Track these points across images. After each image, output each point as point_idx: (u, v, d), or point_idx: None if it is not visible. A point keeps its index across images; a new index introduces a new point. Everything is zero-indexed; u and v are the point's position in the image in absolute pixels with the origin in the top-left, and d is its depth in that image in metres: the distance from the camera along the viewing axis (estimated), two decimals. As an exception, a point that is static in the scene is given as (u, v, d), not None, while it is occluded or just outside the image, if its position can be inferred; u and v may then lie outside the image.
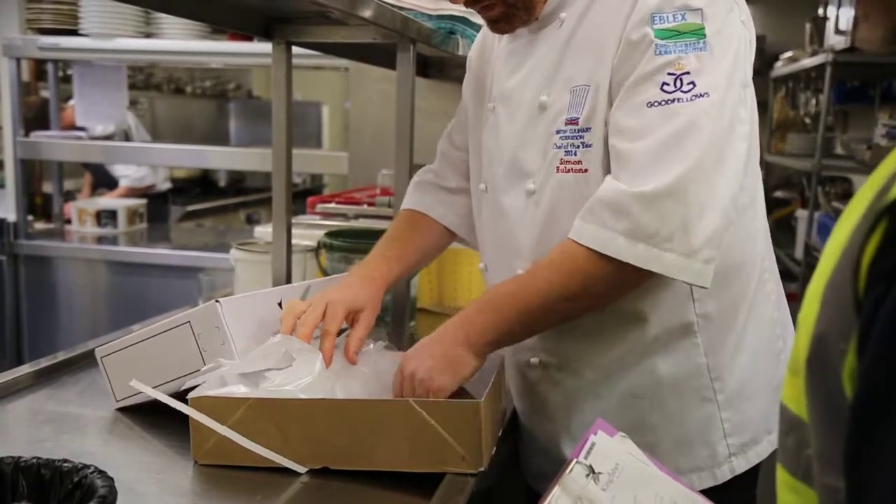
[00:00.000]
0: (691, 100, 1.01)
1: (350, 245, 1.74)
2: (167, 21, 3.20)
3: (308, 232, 1.91)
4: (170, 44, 3.25)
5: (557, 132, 1.14)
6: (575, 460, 0.91)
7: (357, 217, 2.17)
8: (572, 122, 1.12)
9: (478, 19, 1.72)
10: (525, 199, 1.18)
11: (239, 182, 6.22)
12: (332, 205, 2.24)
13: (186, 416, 1.06)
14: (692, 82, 1.02)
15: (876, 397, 0.52)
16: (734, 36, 1.06)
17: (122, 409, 1.24)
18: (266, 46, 1.63)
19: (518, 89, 1.20)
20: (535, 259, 1.16)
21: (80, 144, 3.72)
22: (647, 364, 1.15)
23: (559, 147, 1.14)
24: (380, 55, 2.12)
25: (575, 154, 1.12)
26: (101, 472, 0.84)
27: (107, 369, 1.24)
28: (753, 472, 1.21)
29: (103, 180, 4.86)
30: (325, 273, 1.74)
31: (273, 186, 1.62)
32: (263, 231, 1.99)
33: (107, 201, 4.04)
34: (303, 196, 2.94)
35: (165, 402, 1.11)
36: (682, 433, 1.17)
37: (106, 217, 3.57)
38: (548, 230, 1.16)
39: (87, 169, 4.88)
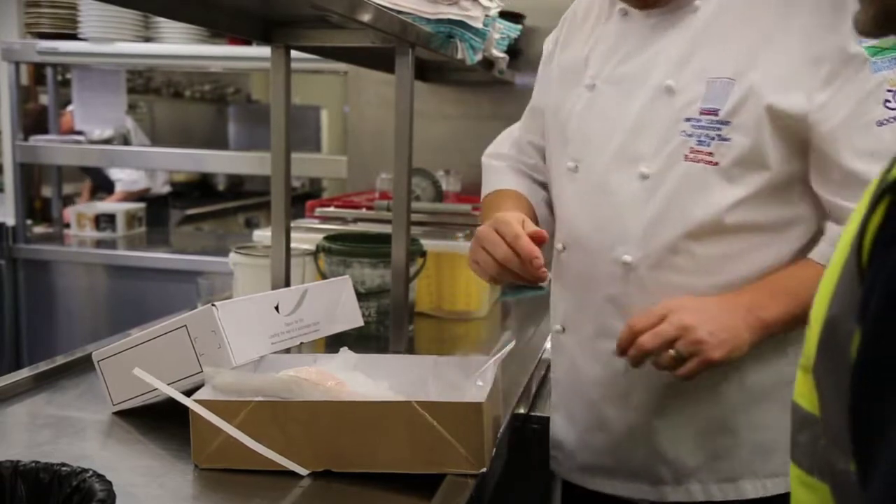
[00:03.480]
0: None
1: (349, 249, 1.74)
2: (166, 25, 3.20)
3: (307, 236, 1.92)
4: (169, 48, 3.25)
5: (688, 119, 1.13)
6: None
7: (356, 221, 2.17)
8: (710, 112, 1.12)
9: (477, 24, 1.73)
10: (638, 182, 1.16)
11: (238, 186, 6.22)
12: (331, 208, 2.25)
13: (185, 420, 1.06)
14: None
15: (877, 361, 0.52)
16: None
17: (121, 413, 1.23)
18: (265, 50, 1.64)
19: (639, 72, 1.19)
20: (645, 246, 1.16)
21: (78, 148, 3.73)
22: (737, 369, 1.16)
23: (689, 135, 1.13)
24: (378, 59, 2.13)
25: (708, 145, 1.12)
26: (100, 476, 0.84)
27: (103, 373, 1.24)
28: None
29: (102, 184, 4.87)
30: (323, 276, 1.74)
31: (272, 190, 1.62)
32: (262, 235, 1.99)
33: (106, 205, 4.05)
34: (302, 200, 2.95)
35: (174, 396, 1.10)
36: (764, 439, 1.17)
37: (105, 221, 3.57)
38: (664, 218, 1.15)
39: (87, 173, 4.89)
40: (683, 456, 1.21)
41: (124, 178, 4.67)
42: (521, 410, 1.42)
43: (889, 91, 1.04)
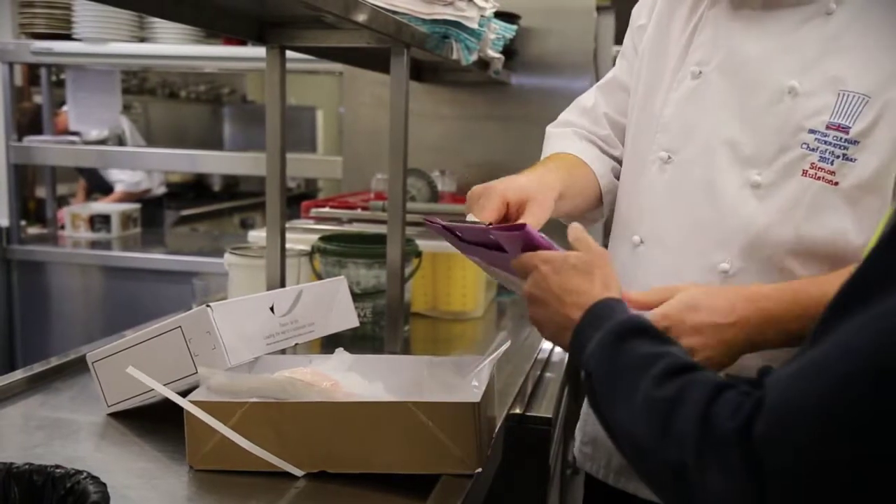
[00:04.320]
0: None
1: (344, 249, 1.74)
2: (161, 25, 3.20)
3: (302, 236, 1.91)
4: (164, 48, 3.25)
5: (812, 132, 1.06)
6: None
7: (351, 221, 2.17)
8: (838, 128, 1.05)
9: (472, 24, 1.73)
10: (748, 188, 1.10)
11: (233, 186, 6.22)
12: (327, 209, 2.24)
13: (180, 422, 1.06)
14: None
15: (866, 275, 0.58)
16: None
17: (115, 415, 1.23)
18: (260, 51, 1.64)
19: (755, 64, 1.11)
20: (746, 257, 1.09)
21: (73, 149, 3.73)
22: None
23: (813, 149, 1.06)
24: (374, 59, 2.12)
25: (832, 163, 1.05)
26: (94, 478, 0.83)
27: (98, 374, 1.24)
28: None
29: (98, 185, 4.85)
30: (319, 277, 1.73)
31: (267, 191, 1.62)
32: (257, 235, 1.99)
33: (100, 206, 4.04)
34: (297, 200, 2.95)
35: (169, 396, 1.10)
36: None
37: (99, 222, 3.57)
38: (772, 232, 1.08)
39: (82, 174, 4.88)
40: None
41: (126, 178, 4.66)
42: (517, 410, 1.42)
43: None
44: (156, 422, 1.19)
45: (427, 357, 1.24)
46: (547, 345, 1.80)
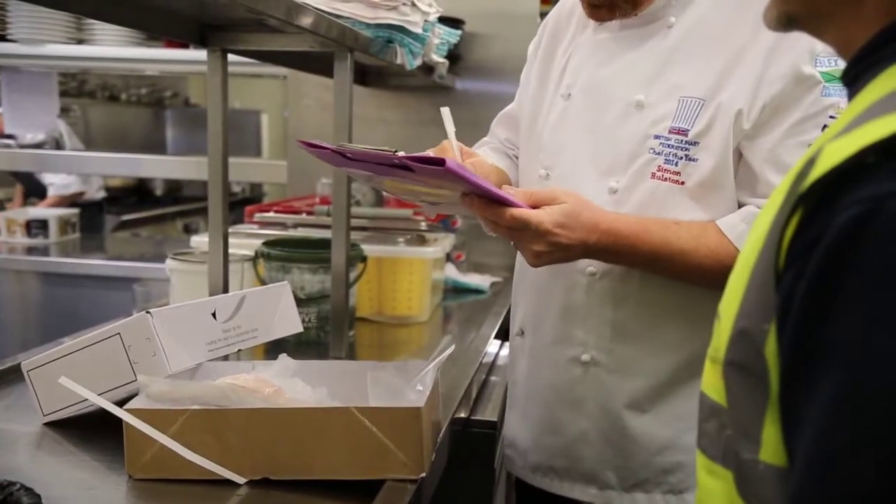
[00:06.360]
0: None
1: (288, 254, 1.73)
2: (100, 27, 3.13)
3: (246, 241, 1.89)
4: (103, 50, 3.18)
5: (657, 137, 1.14)
6: None
7: (296, 226, 2.15)
8: (679, 132, 1.13)
9: (416, 29, 1.73)
10: (607, 195, 1.17)
11: (176, 191, 6.11)
12: (271, 214, 2.22)
13: (118, 430, 1.04)
14: None
15: (799, 367, 0.55)
16: None
17: (51, 424, 1.20)
18: (202, 53, 1.61)
19: (608, 83, 1.20)
20: None
21: (8, 153, 3.62)
22: (697, 388, 1.16)
23: (658, 153, 1.14)
24: (318, 63, 2.12)
25: (676, 164, 1.13)
26: (28, 489, 0.82)
27: (33, 383, 1.21)
28: None
29: (34, 190, 4.72)
30: (262, 282, 1.72)
31: (209, 195, 1.60)
32: (200, 241, 1.96)
33: (37, 211, 3.93)
34: (242, 205, 2.91)
35: (104, 406, 1.08)
36: None
37: (36, 227, 3.48)
38: None
39: (18, 178, 4.75)
40: (633, 466, 1.23)
41: (57, 182, 4.54)
42: (462, 414, 1.43)
43: (832, 118, 1.05)
44: (94, 431, 1.16)
45: (372, 362, 1.24)
46: (492, 349, 1.81)
